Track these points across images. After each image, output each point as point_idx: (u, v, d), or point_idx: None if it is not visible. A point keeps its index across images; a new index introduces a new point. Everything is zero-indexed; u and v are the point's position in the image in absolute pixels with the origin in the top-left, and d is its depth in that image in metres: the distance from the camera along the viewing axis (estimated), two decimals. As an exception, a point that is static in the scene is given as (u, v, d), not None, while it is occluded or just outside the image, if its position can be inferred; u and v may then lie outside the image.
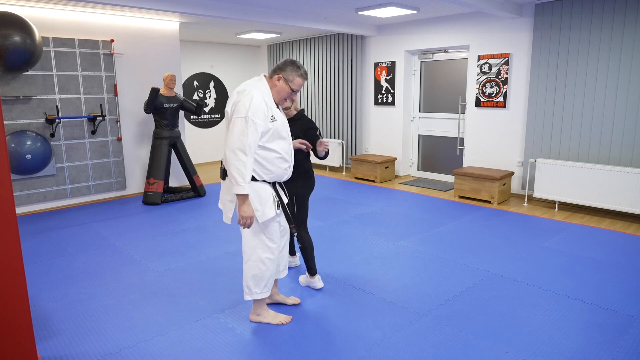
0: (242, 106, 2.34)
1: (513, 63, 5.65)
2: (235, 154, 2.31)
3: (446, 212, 5.17)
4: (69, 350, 2.48)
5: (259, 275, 2.60)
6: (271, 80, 2.53)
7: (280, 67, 2.52)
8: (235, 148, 2.31)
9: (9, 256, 2.01)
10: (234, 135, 2.32)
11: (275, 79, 2.51)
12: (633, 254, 3.82)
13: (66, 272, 3.56)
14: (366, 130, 7.65)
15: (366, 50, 7.38)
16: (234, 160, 2.31)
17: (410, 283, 3.28)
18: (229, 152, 2.32)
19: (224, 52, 8.91)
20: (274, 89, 2.52)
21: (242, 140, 2.30)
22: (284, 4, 5.36)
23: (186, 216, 5.11)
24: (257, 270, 2.59)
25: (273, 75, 2.53)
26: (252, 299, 2.66)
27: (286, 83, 2.51)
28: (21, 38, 4.55)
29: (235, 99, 2.40)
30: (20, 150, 4.94)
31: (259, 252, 2.57)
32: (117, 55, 5.82)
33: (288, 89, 2.52)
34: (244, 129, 2.31)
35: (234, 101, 2.39)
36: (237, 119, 2.33)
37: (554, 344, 2.48)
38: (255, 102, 2.35)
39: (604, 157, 4.94)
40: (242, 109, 2.33)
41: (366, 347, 2.47)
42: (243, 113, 2.32)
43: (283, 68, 2.51)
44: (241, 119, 2.32)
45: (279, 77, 2.50)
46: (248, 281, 2.62)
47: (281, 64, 2.52)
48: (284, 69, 2.50)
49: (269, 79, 2.54)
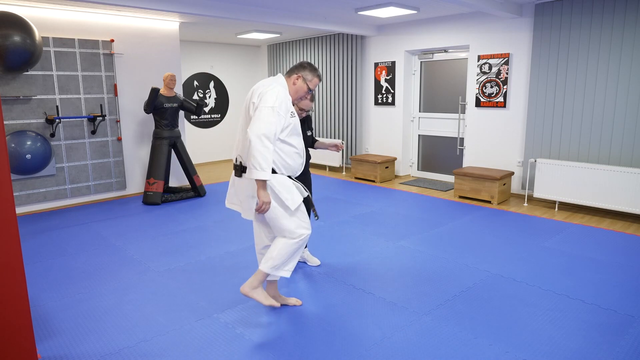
0: (269, 97, 2.45)
1: (513, 63, 5.65)
2: (261, 140, 2.37)
3: (446, 212, 5.17)
4: (69, 350, 2.48)
5: (297, 253, 2.68)
6: (289, 79, 2.71)
7: (298, 68, 2.72)
8: (261, 134, 2.37)
9: (9, 256, 2.01)
10: (261, 122, 2.39)
11: (295, 78, 2.71)
12: (633, 254, 3.82)
13: (66, 272, 3.56)
14: (366, 130, 7.65)
15: (366, 50, 7.38)
16: (259, 146, 2.37)
17: (410, 283, 3.28)
18: (254, 138, 2.36)
19: (224, 52, 8.91)
20: (293, 88, 2.71)
21: (269, 128, 2.39)
22: (284, 4, 5.36)
23: (186, 216, 5.11)
24: (297, 248, 2.65)
25: (291, 75, 2.72)
26: (276, 274, 2.65)
27: (304, 82, 2.72)
28: (21, 38, 4.56)
29: (261, 90, 2.51)
30: (20, 150, 4.94)
31: (302, 230, 2.64)
32: (117, 55, 5.82)
33: (306, 87, 2.74)
34: (270, 117, 2.41)
35: (261, 92, 2.50)
36: (264, 107, 2.42)
37: (554, 344, 2.48)
38: (281, 95, 2.51)
39: (604, 157, 4.94)
40: (270, 99, 2.44)
41: (366, 347, 2.47)
42: (270, 103, 2.43)
43: (301, 69, 2.72)
44: (269, 108, 2.42)
45: (298, 76, 2.71)
46: (283, 257, 2.62)
47: (299, 66, 2.74)
48: (303, 70, 2.72)
49: (287, 78, 2.71)
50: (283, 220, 2.60)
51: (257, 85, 2.60)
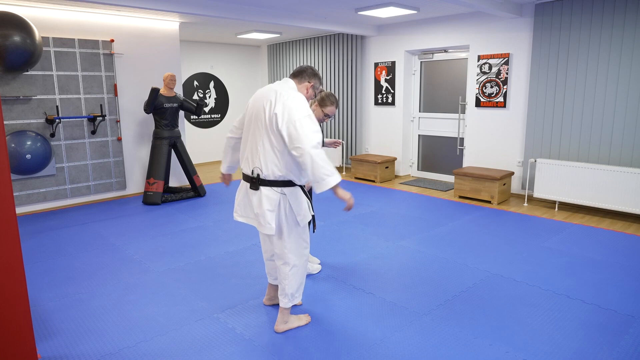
0: (300, 105, 2.36)
1: (513, 63, 5.65)
2: (317, 150, 2.28)
3: (446, 212, 5.17)
4: (69, 350, 2.48)
5: (303, 278, 2.67)
6: (301, 86, 2.57)
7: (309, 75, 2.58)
8: (316, 145, 2.27)
9: (9, 256, 2.01)
10: (310, 133, 2.28)
11: (307, 86, 2.58)
12: (633, 254, 3.82)
13: (66, 272, 3.56)
14: (366, 130, 7.65)
15: (366, 50, 7.38)
16: (321, 156, 2.27)
17: (410, 283, 3.28)
18: (312, 151, 2.25)
19: (224, 52, 8.91)
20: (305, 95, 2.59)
21: (317, 136, 2.30)
22: (284, 4, 5.36)
23: (186, 216, 5.11)
24: (304, 274, 2.65)
25: (302, 82, 2.57)
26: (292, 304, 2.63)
27: (314, 90, 2.62)
28: (21, 38, 4.56)
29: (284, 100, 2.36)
30: (20, 150, 4.94)
31: (305, 254, 2.61)
32: (117, 55, 5.82)
33: (314, 94, 2.65)
34: (313, 126, 2.33)
35: (284, 102, 2.35)
36: (303, 117, 2.31)
37: (554, 344, 2.48)
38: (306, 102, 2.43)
39: (604, 157, 4.94)
40: (303, 108, 2.36)
41: (366, 347, 2.47)
42: (306, 111, 2.35)
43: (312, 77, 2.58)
44: (307, 117, 2.33)
45: (311, 85, 2.58)
46: (293, 287, 2.60)
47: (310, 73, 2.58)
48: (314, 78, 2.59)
49: (298, 84, 2.56)
50: (290, 241, 2.53)
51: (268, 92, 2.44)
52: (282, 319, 2.65)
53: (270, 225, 2.44)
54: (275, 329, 2.65)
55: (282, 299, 2.61)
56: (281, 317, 2.65)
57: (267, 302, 2.98)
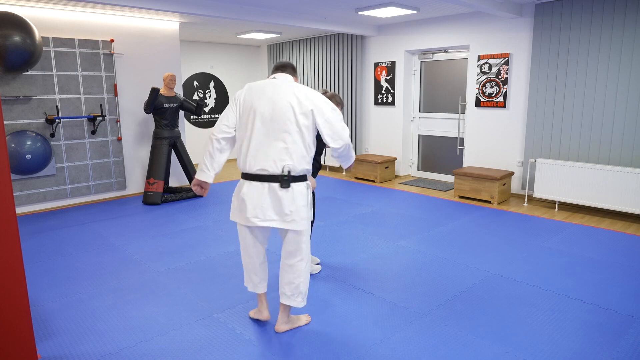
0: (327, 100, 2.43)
1: (513, 63, 5.65)
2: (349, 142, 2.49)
3: (446, 212, 5.17)
4: (69, 350, 2.48)
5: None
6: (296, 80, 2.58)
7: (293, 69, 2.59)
8: (349, 136, 2.47)
9: (9, 256, 2.01)
10: (343, 125, 2.44)
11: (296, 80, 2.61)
12: (633, 254, 3.82)
13: (66, 272, 3.56)
14: (366, 130, 7.65)
15: (366, 50, 7.38)
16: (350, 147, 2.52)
17: (410, 283, 3.29)
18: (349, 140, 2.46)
19: (224, 52, 8.91)
20: None
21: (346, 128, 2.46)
22: (284, 4, 5.36)
23: (186, 216, 5.11)
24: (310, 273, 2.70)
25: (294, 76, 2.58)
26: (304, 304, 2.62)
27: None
28: (21, 38, 4.56)
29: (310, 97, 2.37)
30: (20, 150, 4.94)
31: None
32: (117, 55, 5.82)
33: None
34: (341, 117, 2.45)
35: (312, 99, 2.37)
36: (332, 110, 2.41)
37: (554, 344, 2.48)
38: None
39: (604, 157, 4.94)
40: (328, 102, 2.43)
41: (366, 347, 2.47)
42: (331, 104, 2.43)
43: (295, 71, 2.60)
44: (335, 110, 2.43)
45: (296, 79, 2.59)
46: (307, 284, 2.59)
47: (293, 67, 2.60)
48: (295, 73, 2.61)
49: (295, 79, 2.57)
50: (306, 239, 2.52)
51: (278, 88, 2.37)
52: (283, 319, 2.64)
53: (307, 220, 2.44)
54: (275, 329, 2.64)
55: (295, 298, 2.55)
56: (282, 317, 2.64)
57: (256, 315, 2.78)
